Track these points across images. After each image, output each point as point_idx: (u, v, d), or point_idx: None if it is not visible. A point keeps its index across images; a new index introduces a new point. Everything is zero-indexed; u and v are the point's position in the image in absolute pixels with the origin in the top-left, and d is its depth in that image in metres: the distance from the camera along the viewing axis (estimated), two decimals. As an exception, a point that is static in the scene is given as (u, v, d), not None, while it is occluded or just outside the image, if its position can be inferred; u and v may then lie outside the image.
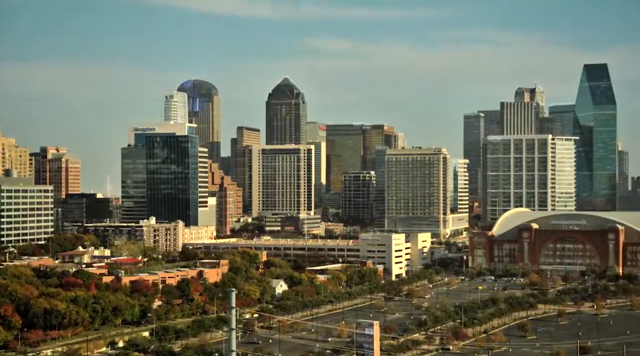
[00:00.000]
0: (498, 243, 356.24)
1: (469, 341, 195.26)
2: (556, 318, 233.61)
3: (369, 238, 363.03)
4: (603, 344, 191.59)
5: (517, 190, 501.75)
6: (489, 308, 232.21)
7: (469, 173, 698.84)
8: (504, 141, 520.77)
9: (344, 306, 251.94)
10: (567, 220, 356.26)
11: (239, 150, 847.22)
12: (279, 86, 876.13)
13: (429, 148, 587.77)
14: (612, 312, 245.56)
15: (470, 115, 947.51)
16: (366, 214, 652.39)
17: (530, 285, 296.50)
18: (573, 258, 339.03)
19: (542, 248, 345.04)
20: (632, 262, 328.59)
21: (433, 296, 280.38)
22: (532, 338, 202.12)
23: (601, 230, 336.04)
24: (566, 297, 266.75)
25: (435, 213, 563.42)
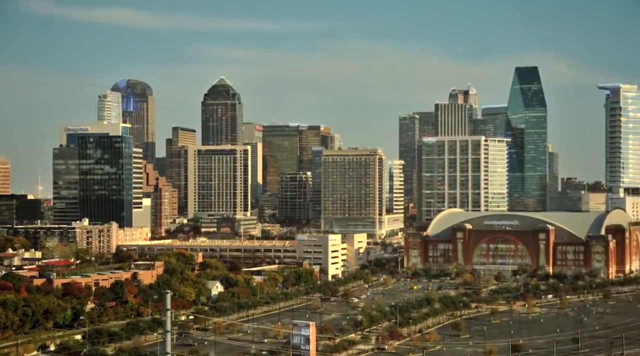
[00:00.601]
0: (432, 243, 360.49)
1: (404, 341, 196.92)
2: (489, 317, 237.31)
3: (305, 239, 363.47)
4: (534, 342, 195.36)
5: (451, 191, 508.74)
6: (423, 307, 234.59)
7: (405, 174, 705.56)
8: (438, 142, 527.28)
9: (280, 307, 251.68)
10: (499, 221, 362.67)
11: (175, 150, 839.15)
12: (215, 87, 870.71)
13: (364, 149, 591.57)
14: (543, 311, 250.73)
15: (405, 116, 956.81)
16: (302, 215, 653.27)
17: (464, 285, 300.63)
18: (505, 258, 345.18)
19: (475, 248, 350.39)
20: (562, 261, 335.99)
21: (369, 296, 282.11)
22: (465, 337, 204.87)
23: (532, 230, 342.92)
24: (499, 296, 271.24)
25: (371, 214, 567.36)
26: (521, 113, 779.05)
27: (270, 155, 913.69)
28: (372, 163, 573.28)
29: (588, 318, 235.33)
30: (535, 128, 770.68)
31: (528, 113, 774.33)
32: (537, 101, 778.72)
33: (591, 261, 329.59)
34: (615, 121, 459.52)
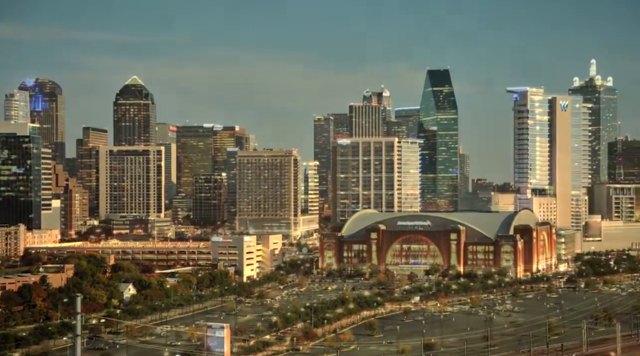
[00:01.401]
0: (347, 244, 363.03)
1: (319, 341, 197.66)
2: (402, 317, 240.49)
3: (220, 240, 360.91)
4: (446, 340, 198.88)
5: (366, 192, 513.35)
6: (338, 308, 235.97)
7: (320, 175, 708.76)
8: (352, 144, 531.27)
9: (195, 309, 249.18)
10: (412, 221, 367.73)
11: (85, 151, 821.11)
12: (127, 86, 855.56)
13: (279, 150, 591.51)
14: (454, 310, 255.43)
15: (320, 118, 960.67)
16: (217, 216, 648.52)
17: (378, 285, 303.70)
18: (418, 258, 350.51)
19: (389, 248, 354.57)
20: (473, 260, 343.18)
21: (284, 297, 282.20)
22: (379, 337, 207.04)
23: (444, 231, 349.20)
24: (411, 296, 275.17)
25: (287, 215, 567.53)
26: (433, 116, 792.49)
27: (184, 156, 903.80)
28: (287, 164, 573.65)
29: (497, 317, 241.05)
30: (447, 130, 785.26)
31: (440, 116, 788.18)
32: (449, 104, 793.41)
33: (500, 260, 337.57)
34: (522, 124, 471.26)
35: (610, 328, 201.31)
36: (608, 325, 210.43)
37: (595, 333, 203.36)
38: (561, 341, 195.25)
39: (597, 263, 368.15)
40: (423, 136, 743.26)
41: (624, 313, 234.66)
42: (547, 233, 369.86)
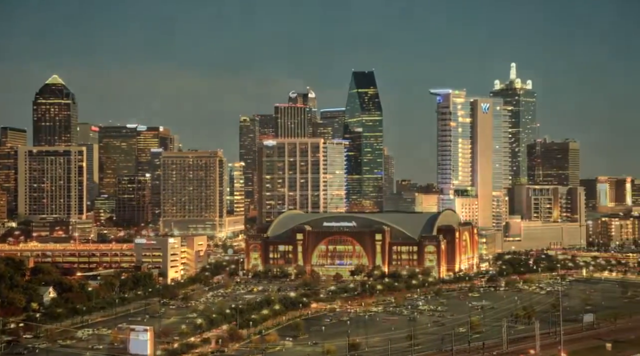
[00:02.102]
0: (273, 245, 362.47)
1: (244, 343, 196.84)
2: (328, 317, 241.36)
3: (143, 242, 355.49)
4: (371, 340, 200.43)
5: (291, 193, 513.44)
6: (264, 309, 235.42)
7: (245, 176, 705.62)
8: (278, 145, 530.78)
9: (117, 312, 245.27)
10: (338, 222, 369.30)
11: (3, 151, 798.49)
12: (47, 85, 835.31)
13: (204, 151, 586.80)
14: (379, 310, 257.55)
15: (245, 119, 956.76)
16: (141, 217, 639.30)
17: (304, 286, 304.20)
18: (344, 258, 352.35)
19: (315, 249, 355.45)
20: (397, 261, 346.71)
21: (209, 299, 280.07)
22: (304, 337, 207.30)
23: (369, 231, 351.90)
24: (337, 296, 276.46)
25: (212, 216, 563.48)
26: (358, 117, 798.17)
27: (107, 157, 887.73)
28: (212, 165, 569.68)
29: (421, 316, 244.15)
30: (372, 131, 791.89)
31: (365, 117, 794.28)
32: (374, 105, 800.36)
33: (424, 260, 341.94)
34: (445, 126, 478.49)
35: (530, 326, 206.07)
36: (527, 323, 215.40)
37: (515, 331, 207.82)
38: (482, 340, 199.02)
39: (517, 263, 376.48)
40: (348, 137, 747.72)
41: (542, 311, 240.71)
42: (469, 233, 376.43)
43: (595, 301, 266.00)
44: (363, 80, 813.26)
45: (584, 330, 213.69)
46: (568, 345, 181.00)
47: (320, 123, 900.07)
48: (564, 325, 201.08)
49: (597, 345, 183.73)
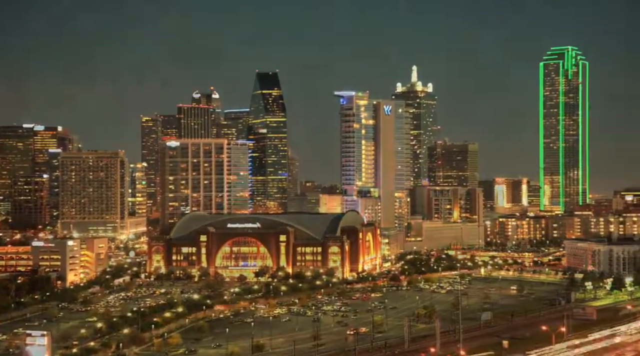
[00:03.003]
0: (176, 246, 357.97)
1: (146, 346, 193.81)
2: (233, 318, 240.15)
3: (41, 244, 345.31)
4: (275, 341, 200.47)
5: (195, 194, 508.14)
6: (166, 311, 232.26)
7: (148, 177, 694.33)
8: (181, 145, 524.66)
9: (13, 317, 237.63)
10: (242, 224, 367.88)
11: None
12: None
13: (105, 152, 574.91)
14: (284, 310, 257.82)
15: (148, 119, 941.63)
16: (39, 219, 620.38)
17: (207, 287, 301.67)
18: (248, 260, 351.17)
19: (219, 250, 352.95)
20: (301, 262, 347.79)
21: (110, 302, 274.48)
22: (208, 339, 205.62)
23: (274, 232, 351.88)
24: (241, 298, 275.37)
25: (113, 218, 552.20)
26: (263, 119, 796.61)
27: (1, 157, 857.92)
28: (113, 165, 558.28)
29: (325, 317, 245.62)
30: (276, 133, 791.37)
31: (269, 119, 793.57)
32: (278, 107, 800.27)
33: (328, 261, 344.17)
34: (348, 127, 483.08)
35: (431, 325, 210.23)
36: (428, 322, 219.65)
37: (417, 330, 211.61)
38: (385, 339, 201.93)
39: (418, 262, 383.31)
40: (253, 138, 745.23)
41: (443, 310, 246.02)
42: (372, 233, 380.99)
43: (493, 300, 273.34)
44: (267, 82, 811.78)
45: (482, 327, 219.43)
46: (467, 343, 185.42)
47: (224, 124, 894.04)
48: (463, 323, 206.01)
49: (495, 343, 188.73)
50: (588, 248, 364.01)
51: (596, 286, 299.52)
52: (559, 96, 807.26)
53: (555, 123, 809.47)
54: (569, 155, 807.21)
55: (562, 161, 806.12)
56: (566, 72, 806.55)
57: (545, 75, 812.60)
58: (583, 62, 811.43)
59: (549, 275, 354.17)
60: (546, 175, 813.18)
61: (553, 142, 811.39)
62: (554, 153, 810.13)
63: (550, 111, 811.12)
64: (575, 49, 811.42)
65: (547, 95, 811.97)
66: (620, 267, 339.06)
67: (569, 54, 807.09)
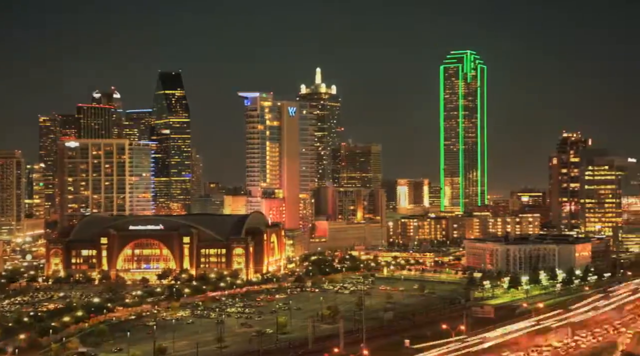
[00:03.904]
0: (75, 249, 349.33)
1: (44, 351, 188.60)
2: (134, 322, 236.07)
3: None
4: (178, 344, 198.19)
5: (96, 195, 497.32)
6: (65, 315, 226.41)
7: (47, 179, 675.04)
8: (81, 146, 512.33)
9: None
10: (144, 225, 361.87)
11: None
12: None
13: (0, 152, 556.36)
14: (187, 313, 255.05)
15: (45, 118, 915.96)
16: None
17: (108, 291, 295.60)
18: (151, 262, 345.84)
19: (120, 253, 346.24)
20: (205, 263, 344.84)
21: (5, 307, 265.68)
22: (111, 343, 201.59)
23: (177, 234, 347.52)
24: (144, 300, 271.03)
25: (9, 220, 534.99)
26: (166, 119, 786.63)
27: None
28: (9, 166, 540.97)
29: (229, 319, 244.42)
30: (180, 133, 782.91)
31: (172, 119, 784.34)
32: (181, 107, 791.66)
33: (232, 262, 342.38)
34: (253, 128, 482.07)
35: (335, 325, 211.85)
36: (332, 323, 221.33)
37: (321, 330, 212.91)
38: (289, 340, 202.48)
39: (322, 263, 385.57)
40: (155, 139, 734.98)
41: (347, 310, 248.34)
42: (276, 235, 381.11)
43: (395, 299, 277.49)
44: (170, 82, 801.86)
45: (385, 327, 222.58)
46: (370, 342, 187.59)
47: (126, 124, 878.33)
48: (366, 323, 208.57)
49: (397, 341, 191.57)
50: (486, 248, 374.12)
51: (494, 285, 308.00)
52: (458, 99, 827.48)
53: (455, 125, 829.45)
54: (469, 157, 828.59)
55: (462, 163, 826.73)
56: (465, 76, 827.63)
57: (445, 79, 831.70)
58: (481, 66, 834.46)
59: (449, 275, 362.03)
60: (446, 177, 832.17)
61: (453, 144, 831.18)
62: (454, 155, 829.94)
63: (450, 114, 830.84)
64: (474, 53, 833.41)
65: (447, 98, 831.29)
66: (517, 266, 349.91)
67: (468, 58, 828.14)
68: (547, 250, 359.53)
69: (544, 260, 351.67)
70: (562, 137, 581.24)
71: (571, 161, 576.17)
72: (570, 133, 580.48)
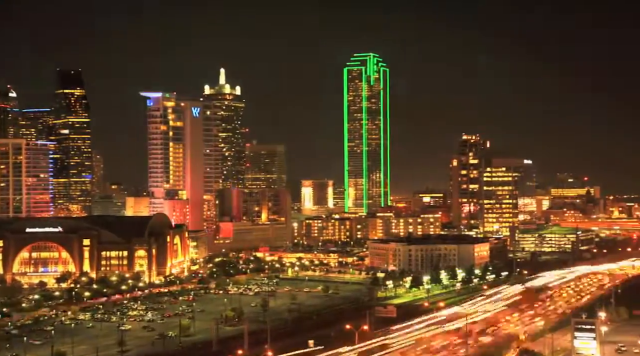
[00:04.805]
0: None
1: None
2: (34, 326, 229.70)
3: None
4: (77, 348, 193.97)
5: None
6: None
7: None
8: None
9: None
10: (42, 228, 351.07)
11: None
12: None
13: None
14: (87, 317, 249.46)
15: None
16: None
17: (4, 295, 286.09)
18: (49, 265, 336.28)
19: (16, 256, 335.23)
20: (106, 266, 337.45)
21: None
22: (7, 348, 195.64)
23: (77, 236, 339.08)
24: (41, 305, 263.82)
25: None
26: (64, 119, 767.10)
27: None
28: None
29: (131, 322, 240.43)
30: (79, 133, 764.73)
31: (72, 119, 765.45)
32: (81, 106, 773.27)
33: (134, 265, 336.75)
34: (156, 129, 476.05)
35: (239, 326, 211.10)
36: (237, 324, 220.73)
37: (225, 331, 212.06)
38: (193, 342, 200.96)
39: (227, 265, 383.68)
40: (54, 139, 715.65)
41: (251, 311, 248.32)
42: (180, 236, 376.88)
43: (299, 300, 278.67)
44: (69, 81, 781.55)
45: (289, 327, 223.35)
46: (274, 343, 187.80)
47: (23, 124, 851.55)
48: (270, 323, 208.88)
49: (301, 341, 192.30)
50: (389, 248, 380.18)
51: (397, 284, 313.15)
52: (362, 101, 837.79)
53: (359, 127, 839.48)
54: (372, 158, 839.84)
55: (366, 164, 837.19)
56: (368, 78, 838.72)
57: (349, 81, 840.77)
58: (384, 69, 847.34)
59: (353, 275, 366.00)
60: (351, 178, 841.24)
61: (357, 146, 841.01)
62: (358, 156, 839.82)
63: (354, 116, 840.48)
64: (377, 56, 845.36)
65: (351, 100, 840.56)
66: (419, 266, 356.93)
67: (370, 61, 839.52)
68: (448, 250, 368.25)
69: (444, 260, 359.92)
70: (461, 139, 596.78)
71: (470, 163, 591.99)
72: (469, 135, 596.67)
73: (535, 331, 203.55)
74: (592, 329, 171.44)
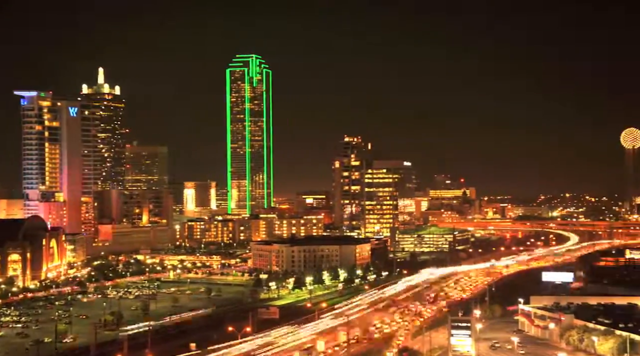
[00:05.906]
0: None
1: None
2: None
3: None
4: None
5: None
6: None
7: None
8: None
9: None
10: None
11: None
12: None
13: None
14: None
15: None
16: None
17: None
18: None
19: None
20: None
21: None
22: None
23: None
24: None
25: None
26: None
27: None
28: None
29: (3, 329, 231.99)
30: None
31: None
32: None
33: (7, 269, 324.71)
34: (31, 129, 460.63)
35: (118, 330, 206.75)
36: (115, 329, 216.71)
37: (104, 336, 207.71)
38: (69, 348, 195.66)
39: (106, 268, 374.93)
40: None
41: (131, 315, 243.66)
42: (57, 239, 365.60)
43: (181, 303, 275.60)
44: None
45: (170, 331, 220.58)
46: (155, 347, 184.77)
47: None
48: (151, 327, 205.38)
49: (182, 344, 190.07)
50: (272, 250, 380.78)
51: (280, 286, 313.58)
52: (245, 102, 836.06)
53: (242, 128, 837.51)
54: (255, 160, 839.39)
55: (249, 166, 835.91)
56: (251, 80, 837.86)
57: (232, 82, 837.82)
58: (267, 71, 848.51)
59: (236, 277, 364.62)
60: (233, 179, 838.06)
61: (240, 147, 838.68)
62: (241, 158, 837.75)
63: (237, 117, 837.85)
64: (259, 58, 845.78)
65: (234, 101, 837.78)
66: (302, 267, 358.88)
67: (253, 62, 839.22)
68: (330, 251, 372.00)
69: (327, 261, 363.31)
70: (343, 140, 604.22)
71: (352, 164, 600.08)
72: (351, 137, 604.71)
73: (415, 330, 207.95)
74: (467, 326, 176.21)
